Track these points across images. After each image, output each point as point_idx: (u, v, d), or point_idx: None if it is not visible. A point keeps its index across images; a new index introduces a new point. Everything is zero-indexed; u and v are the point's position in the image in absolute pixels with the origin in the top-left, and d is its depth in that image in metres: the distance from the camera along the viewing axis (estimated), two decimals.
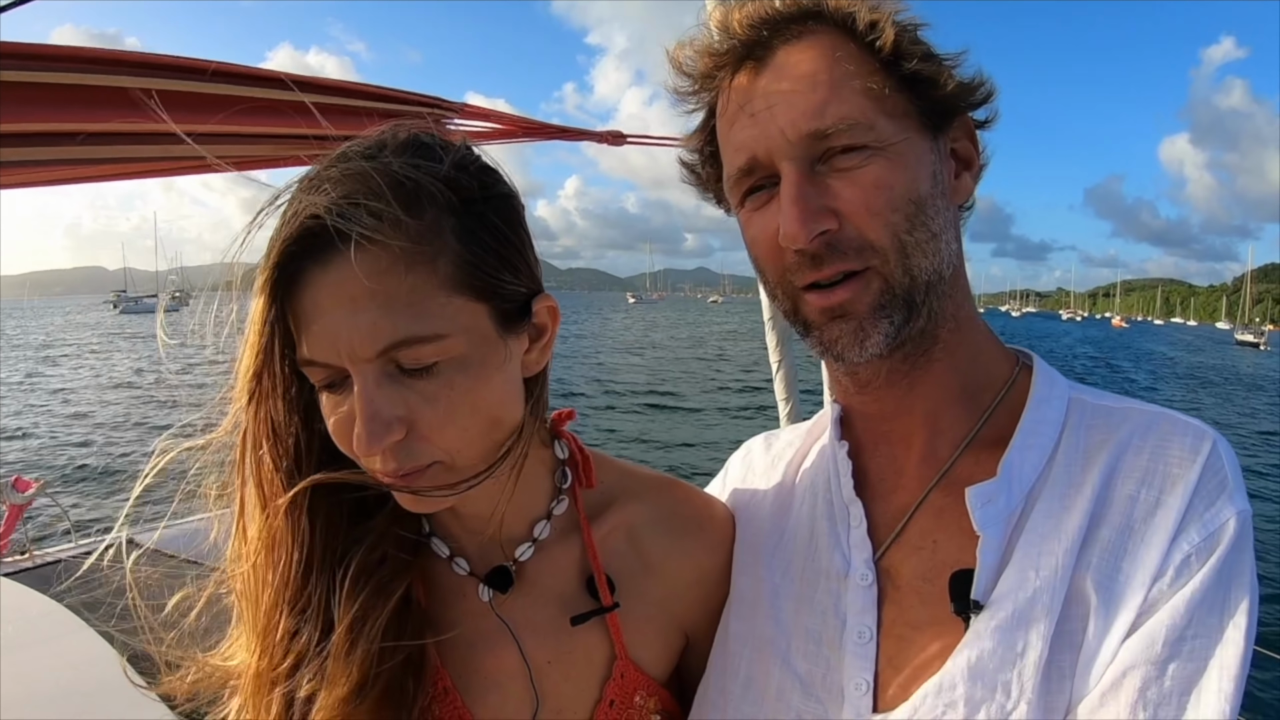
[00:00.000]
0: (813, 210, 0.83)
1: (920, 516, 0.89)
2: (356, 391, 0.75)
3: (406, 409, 0.76)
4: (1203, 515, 0.74)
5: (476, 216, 0.79)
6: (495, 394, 0.81)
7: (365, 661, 0.83)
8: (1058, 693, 0.74)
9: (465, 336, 0.77)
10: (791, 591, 0.94)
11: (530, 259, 0.86)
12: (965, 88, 0.88)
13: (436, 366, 0.76)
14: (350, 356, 0.74)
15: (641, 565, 0.99)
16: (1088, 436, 0.85)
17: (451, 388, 0.77)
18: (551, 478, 0.99)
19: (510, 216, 0.84)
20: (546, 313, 0.87)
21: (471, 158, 0.84)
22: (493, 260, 0.80)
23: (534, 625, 0.94)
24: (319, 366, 0.76)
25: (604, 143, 2.44)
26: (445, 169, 0.78)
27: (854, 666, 0.84)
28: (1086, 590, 0.75)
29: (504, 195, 0.84)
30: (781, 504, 1.05)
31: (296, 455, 0.85)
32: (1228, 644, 0.70)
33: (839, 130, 0.82)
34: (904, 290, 0.85)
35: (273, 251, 0.74)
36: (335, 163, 0.76)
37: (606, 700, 0.95)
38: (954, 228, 0.91)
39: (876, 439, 0.98)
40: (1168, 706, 0.69)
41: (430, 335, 0.75)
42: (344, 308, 0.73)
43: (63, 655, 2.53)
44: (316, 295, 0.74)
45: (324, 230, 0.71)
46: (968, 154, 0.93)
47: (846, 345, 0.87)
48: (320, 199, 0.72)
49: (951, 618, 0.80)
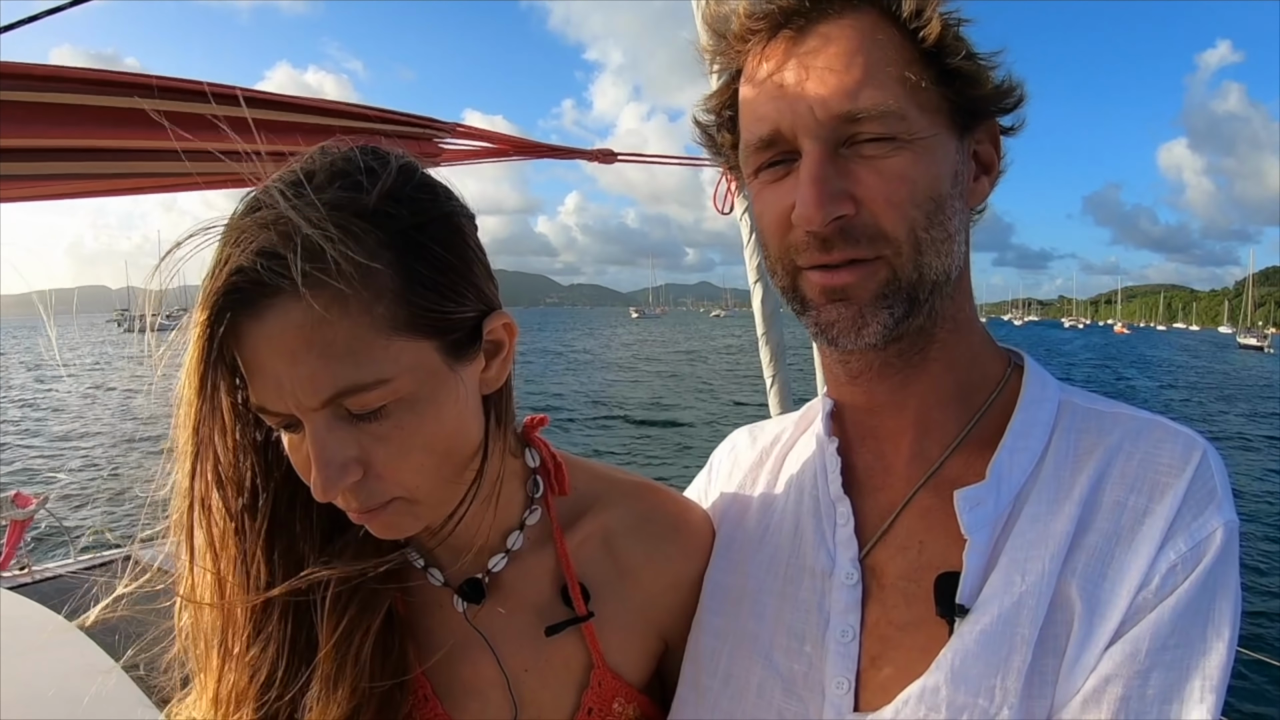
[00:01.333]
0: (831, 193, 0.80)
1: (907, 516, 0.89)
2: (308, 437, 0.75)
3: (360, 450, 0.76)
4: (1190, 525, 0.74)
5: (413, 247, 0.76)
6: (448, 426, 0.80)
7: (356, 682, 0.83)
8: (1039, 698, 0.74)
9: (410, 375, 0.75)
10: (775, 588, 0.94)
11: (478, 278, 0.83)
12: (999, 91, 0.86)
13: (385, 409, 0.75)
14: (297, 406, 0.73)
15: (617, 572, 0.99)
16: (1078, 440, 0.85)
17: (402, 428, 0.76)
18: (523, 487, 0.98)
19: (450, 239, 0.80)
20: (502, 330, 0.85)
21: (405, 178, 0.79)
22: (433, 294, 0.77)
23: (510, 634, 0.95)
24: (271, 414, 0.76)
25: (595, 161, 2.46)
26: (374, 200, 0.74)
27: (836, 665, 0.84)
28: (1071, 596, 0.75)
29: (443, 216, 0.80)
30: (766, 499, 1.05)
31: (253, 492, 0.84)
32: (1211, 654, 0.70)
33: (870, 116, 0.79)
34: (910, 285, 0.83)
35: (204, 302, 0.71)
36: (259, 205, 0.73)
37: (585, 708, 0.96)
38: (966, 230, 0.89)
39: (864, 434, 0.97)
40: (1149, 715, 0.69)
41: (372, 382, 0.73)
42: (282, 359, 0.71)
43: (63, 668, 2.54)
44: (255, 345, 0.72)
45: (252, 281, 0.69)
46: (989, 158, 0.91)
47: (842, 330, 0.85)
48: (246, 250, 0.69)
49: (935, 619, 0.80)
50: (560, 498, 0.99)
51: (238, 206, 0.75)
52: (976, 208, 0.93)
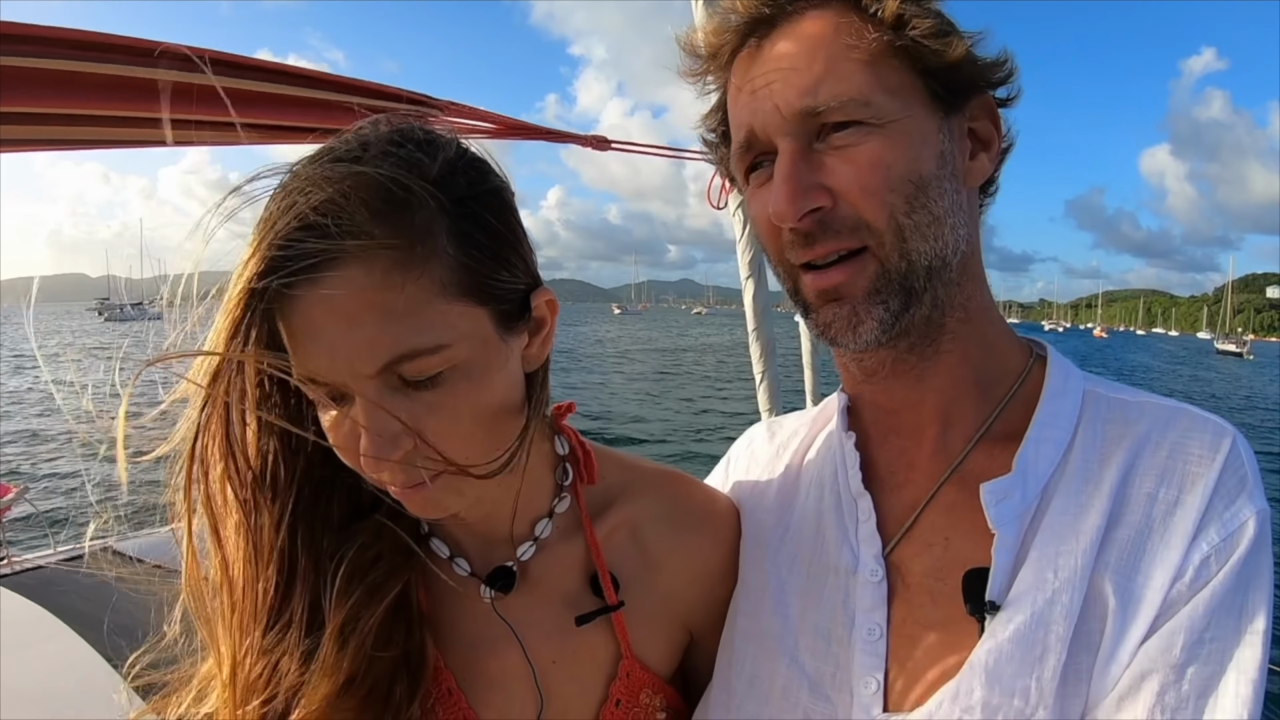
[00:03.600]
0: (802, 188, 0.81)
1: (931, 512, 0.87)
2: (359, 407, 0.73)
3: (412, 420, 0.74)
4: (1222, 515, 0.73)
5: (469, 216, 0.76)
6: (499, 397, 0.79)
7: (355, 661, 0.81)
8: (1074, 695, 0.72)
9: (467, 343, 0.75)
10: (798, 587, 0.92)
11: (525, 252, 0.83)
12: (980, 65, 0.84)
13: (440, 376, 0.74)
14: (350, 373, 0.71)
15: (645, 562, 0.97)
16: (1104, 430, 0.83)
17: (455, 396, 0.75)
18: (553, 474, 0.97)
19: (503, 211, 0.81)
20: (545, 306, 0.85)
21: (460, 151, 0.80)
22: (489, 261, 0.77)
23: (538, 625, 0.93)
24: (319, 384, 0.73)
25: (589, 146, 2.44)
26: (435, 169, 0.74)
27: (864, 665, 0.83)
28: (1105, 591, 0.73)
29: (496, 189, 0.81)
30: (786, 496, 1.03)
31: (274, 478, 0.82)
32: (1246, 647, 0.69)
33: (831, 107, 0.80)
34: (900, 275, 0.82)
35: (253, 261, 0.69)
36: (318, 166, 0.72)
37: (613, 700, 0.94)
38: (965, 211, 0.86)
39: (885, 430, 0.95)
40: (1186, 710, 0.68)
41: (432, 346, 0.72)
42: (339, 324, 0.69)
43: (47, 659, 2.50)
44: (309, 311, 0.69)
45: (311, 243, 0.67)
46: (987, 134, 0.89)
47: (840, 330, 0.85)
48: (305, 208, 0.68)
49: (965, 618, 0.78)
50: (589, 487, 0.98)
51: (294, 166, 0.73)
52: (983, 188, 0.92)
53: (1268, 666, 0.70)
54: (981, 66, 0.85)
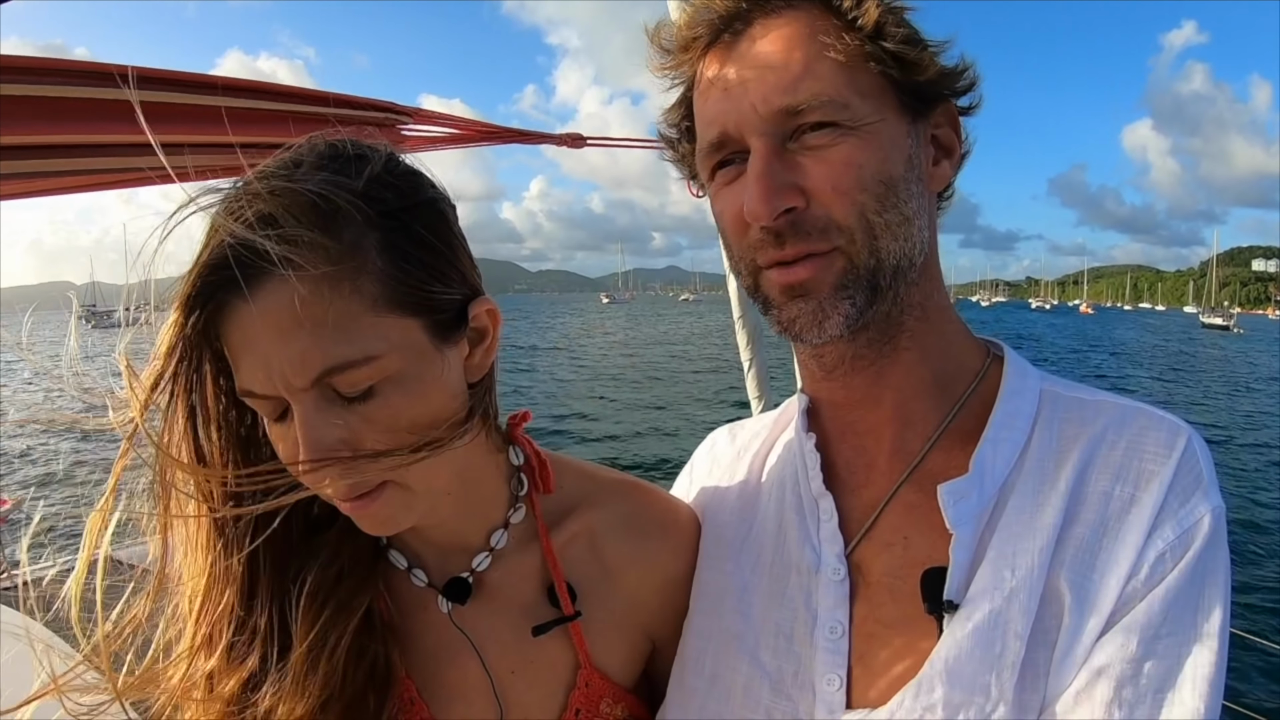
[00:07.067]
0: (777, 187, 0.81)
1: (890, 512, 0.88)
2: (296, 419, 0.74)
3: (348, 431, 0.75)
4: (1177, 512, 0.74)
5: (400, 229, 0.77)
6: (436, 407, 0.80)
7: (327, 680, 0.82)
8: (1032, 691, 0.73)
9: (399, 354, 0.76)
10: (760, 586, 0.93)
11: (463, 263, 0.84)
12: (948, 74, 0.86)
13: (374, 388, 0.75)
14: (285, 386, 0.73)
15: (604, 571, 0.98)
16: (1061, 429, 0.84)
17: (391, 407, 0.76)
18: (507, 485, 0.97)
19: (436, 223, 0.82)
20: (485, 316, 0.86)
21: (392, 165, 0.81)
22: (420, 273, 0.78)
23: (496, 635, 0.94)
24: (258, 397, 0.75)
25: (563, 145, 2.43)
26: (361, 183, 0.76)
27: (826, 663, 0.84)
28: (1061, 588, 0.74)
29: (428, 201, 0.82)
30: (748, 497, 1.03)
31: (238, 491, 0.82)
32: (1203, 641, 0.70)
33: (811, 107, 0.80)
34: (868, 271, 0.83)
35: (191, 278, 0.72)
36: (250, 185, 0.74)
37: (572, 709, 0.95)
38: (928, 215, 0.89)
39: (844, 430, 0.96)
40: (1143, 705, 0.69)
41: (363, 358, 0.73)
42: (271, 337, 0.71)
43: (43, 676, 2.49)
44: (244, 324, 0.72)
45: (242, 259, 0.69)
46: (949, 141, 0.91)
47: (805, 325, 0.85)
48: (236, 226, 0.70)
49: (924, 616, 0.79)
50: (545, 496, 0.98)
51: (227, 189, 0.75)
52: (941, 192, 0.94)
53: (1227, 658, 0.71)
54: (948, 75, 0.87)
